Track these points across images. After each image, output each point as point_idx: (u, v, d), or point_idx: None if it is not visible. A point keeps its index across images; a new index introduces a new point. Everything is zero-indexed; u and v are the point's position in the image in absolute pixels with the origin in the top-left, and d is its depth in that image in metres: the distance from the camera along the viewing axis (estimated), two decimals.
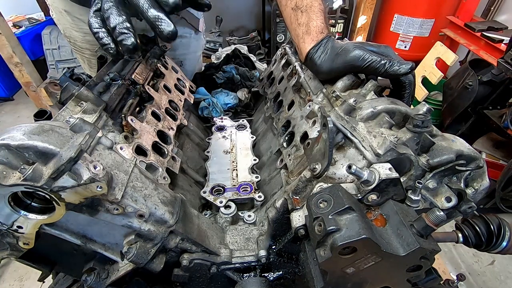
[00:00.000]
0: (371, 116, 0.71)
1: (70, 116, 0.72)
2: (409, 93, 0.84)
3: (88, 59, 1.49)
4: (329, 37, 0.89)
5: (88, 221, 0.65)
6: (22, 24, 3.57)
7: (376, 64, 0.79)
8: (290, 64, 1.11)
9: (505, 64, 1.97)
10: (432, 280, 0.75)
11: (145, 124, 0.90)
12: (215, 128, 1.29)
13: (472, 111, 2.43)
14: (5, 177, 0.50)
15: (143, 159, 0.82)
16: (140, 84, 0.97)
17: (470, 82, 2.33)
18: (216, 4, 3.69)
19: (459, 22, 3.03)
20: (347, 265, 0.56)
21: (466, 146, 0.69)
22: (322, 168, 0.64)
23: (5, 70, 3.33)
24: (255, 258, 0.80)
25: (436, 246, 0.55)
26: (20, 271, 2.09)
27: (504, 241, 0.67)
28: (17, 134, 0.51)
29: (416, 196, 0.62)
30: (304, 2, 0.93)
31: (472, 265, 2.13)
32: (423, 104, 0.69)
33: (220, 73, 1.59)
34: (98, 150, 0.60)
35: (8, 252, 0.62)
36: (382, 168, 0.58)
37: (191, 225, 0.76)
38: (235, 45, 1.81)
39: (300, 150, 0.85)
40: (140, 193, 0.64)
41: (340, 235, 0.51)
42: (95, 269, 0.74)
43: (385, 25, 3.66)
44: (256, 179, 1.00)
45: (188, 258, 0.75)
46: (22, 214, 0.56)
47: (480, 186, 0.72)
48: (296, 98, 1.00)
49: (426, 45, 3.23)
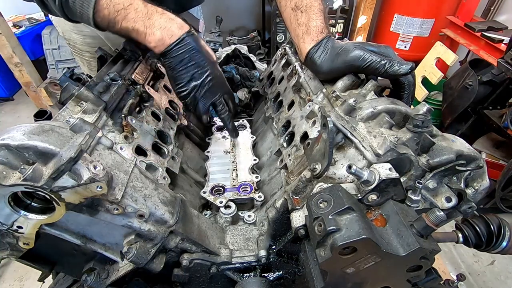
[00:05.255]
0: (371, 116, 0.71)
1: (70, 116, 0.72)
2: (409, 93, 0.85)
3: (87, 61, 1.49)
4: (329, 37, 0.89)
5: (88, 221, 0.65)
6: (22, 24, 3.56)
7: (376, 64, 0.79)
8: (290, 64, 1.11)
9: (505, 64, 1.96)
10: (432, 280, 0.75)
11: (145, 124, 0.91)
12: (215, 128, 1.29)
13: (472, 111, 2.43)
14: (5, 177, 0.50)
15: (143, 159, 0.82)
16: (140, 84, 0.97)
17: (470, 82, 2.33)
18: (216, 4, 3.68)
19: (459, 22, 3.02)
20: (347, 265, 0.56)
21: (466, 146, 0.69)
22: (322, 168, 0.64)
23: (5, 70, 3.33)
24: (255, 258, 0.80)
25: (436, 246, 0.55)
26: (20, 271, 2.09)
27: (504, 241, 0.67)
28: (17, 134, 0.51)
29: (416, 196, 0.62)
30: (304, 2, 0.93)
31: (472, 265, 2.13)
32: (423, 104, 0.69)
33: None
34: (98, 150, 0.60)
35: (8, 252, 0.62)
36: (382, 168, 0.58)
37: (191, 225, 0.76)
38: (235, 45, 1.81)
39: (300, 150, 0.85)
40: (140, 193, 0.64)
41: (340, 235, 0.51)
42: (95, 269, 0.74)
43: (385, 25, 3.65)
44: (256, 179, 1.00)
45: (188, 258, 0.75)
46: (22, 214, 0.56)
47: (480, 186, 0.72)
48: (296, 98, 1.00)
49: (426, 45, 3.23)
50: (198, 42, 0.89)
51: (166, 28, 0.84)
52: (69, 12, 0.83)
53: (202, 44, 0.90)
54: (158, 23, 0.83)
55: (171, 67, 0.89)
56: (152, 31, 0.83)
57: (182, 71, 0.89)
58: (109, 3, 0.80)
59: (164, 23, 0.84)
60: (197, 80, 0.90)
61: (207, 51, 0.92)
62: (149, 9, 0.84)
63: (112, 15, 0.82)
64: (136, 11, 0.83)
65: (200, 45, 0.89)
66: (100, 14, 0.82)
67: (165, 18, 0.85)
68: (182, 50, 0.86)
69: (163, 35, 0.84)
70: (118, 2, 0.81)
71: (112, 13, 0.82)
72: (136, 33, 0.84)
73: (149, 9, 0.84)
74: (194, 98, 0.93)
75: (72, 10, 0.82)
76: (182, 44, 0.86)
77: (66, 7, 0.82)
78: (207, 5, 1.57)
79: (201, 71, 0.90)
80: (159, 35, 0.84)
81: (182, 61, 0.87)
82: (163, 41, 0.84)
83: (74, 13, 0.83)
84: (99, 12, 0.81)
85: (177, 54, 0.86)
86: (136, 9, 0.82)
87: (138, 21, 0.83)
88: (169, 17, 0.86)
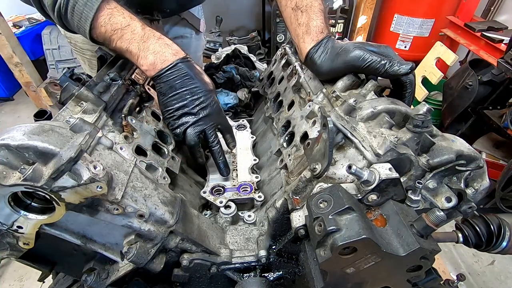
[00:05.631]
0: (371, 116, 0.71)
1: (70, 116, 0.72)
2: (409, 93, 0.84)
3: (89, 60, 1.49)
4: (329, 37, 0.89)
5: (88, 221, 0.65)
6: (22, 24, 3.57)
7: (376, 64, 0.79)
8: (290, 64, 1.11)
9: (505, 64, 1.96)
10: (432, 280, 0.75)
11: (145, 124, 0.91)
12: None
13: (472, 111, 2.43)
14: (5, 177, 0.50)
15: (143, 159, 0.82)
16: (140, 84, 0.97)
17: (470, 82, 2.33)
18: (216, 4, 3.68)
19: (459, 22, 3.02)
20: (347, 265, 0.56)
21: (466, 146, 0.69)
22: (322, 168, 0.64)
23: (5, 70, 3.33)
24: (255, 258, 0.80)
25: (436, 246, 0.55)
26: (20, 271, 2.09)
27: (504, 241, 0.67)
28: (17, 134, 0.51)
29: (416, 196, 0.62)
30: (304, 2, 0.93)
31: (472, 265, 2.13)
32: (423, 104, 0.69)
33: (220, 73, 1.59)
34: (98, 150, 0.60)
35: (8, 252, 0.62)
36: (382, 168, 0.58)
37: (191, 225, 0.76)
38: (235, 45, 1.81)
39: (300, 150, 0.85)
40: (140, 193, 0.64)
41: (340, 235, 0.51)
42: (95, 269, 0.74)
43: (385, 25, 3.66)
44: (256, 179, 1.00)
45: (188, 258, 0.75)
46: (22, 214, 0.56)
47: (480, 186, 0.72)
48: (296, 98, 1.00)
49: (426, 45, 3.23)
50: (193, 69, 0.86)
51: (159, 53, 0.82)
52: (66, 23, 0.83)
53: (197, 71, 0.87)
54: (153, 48, 0.82)
55: (161, 92, 0.86)
56: (145, 54, 0.82)
57: (172, 97, 0.85)
58: (107, 22, 0.80)
59: (158, 48, 0.82)
60: (187, 107, 0.85)
61: (202, 78, 0.88)
62: (146, 32, 0.83)
63: (109, 34, 0.81)
64: (133, 33, 0.82)
65: (195, 72, 0.86)
66: (96, 31, 0.81)
67: (160, 43, 0.83)
68: (173, 75, 0.83)
69: (156, 59, 0.82)
70: (116, 21, 0.80)
71: (109, 31, 0.81)
72: (130, 54, 0.83)
73: (146, 33, 0.83)
74: (183, 126, 0.87)
75: (70, 23, 0.81)
76: (174, 70, 0.83)
77: (64, 18, 0.81)
78: (207, 5, 1.57)
79: (193, 98, 0.85)
80: (151, 59, 0.82)
81: (172, 87, 0.84)
82: (154, 66, 0.82)
83: (71, 25, 0.83)
84: (96, 29, 0.81)
85: (168, 80, 0.83)
86: (133, 31, 0.81)
87: (133, 43, 0.82)
88: (165, 43, 0.84)
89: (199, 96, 0.86)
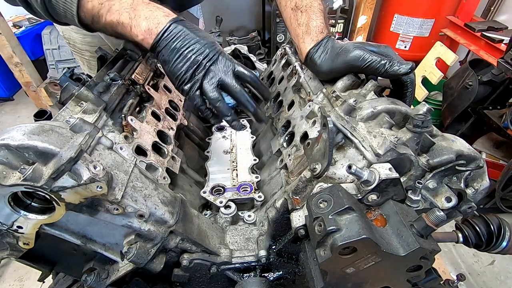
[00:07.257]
0: (371, 116, 0.71)
1: (70, 116, 0.72)
2: (410, 93, 0.84)
3: (87, 60, 1.48)
4: (329, 37, 0.89)
5: (88, 221, 0.65)
6: (22, 24, 3.57)
7: (376, 64, 0.79)
8: (290, 64, 1.11)
9: (505, 64, 1.96)
10: (432, 280, 0.75)
11: (145, 124, 0.90)
12: (215, 128, 1.29)
13: (472, 111, 2.43)
14: (5, 177, 0.50)
15: (143, 159, 0.82)
16: (140, 84, 0.97)
17: (470, 82, 2.33)
18: (216, 4, 3.68)
19: (459, 22, 3.02)
20: (347, 265, 0.56)
21: (466, 146, 0.69)
22: (322, 168, 0.64)
23: (5, 70, 3.33)
24: (255, 258, 0.80)
25: (436, 246, 0.55)
26: (20, 271, 2.09)
27: (504, 241, 0.67)
28: (17, 134, 0.51)
29: (416, 196, 0.62)
30: (303, 2, 0.93)
31: (472, 265, 2.13)
32: (423, 104, 0.69)
33: None
34: (98, 150, 0.60)
35: (8, 252, 0.62)
36: (382, 168, 0.58)
37: (191, 225, 0.76)
38: (235, 45, 1.81)
39: (300, 150, 0.85)
40: (140, 193, 0.64)
41: (340, 235, 0.51)
42: (95, 269, 0.74)
43: (385, 25, 3.65)
44: (256, 179, 1.00)
45: (188, 258, 0.75)
46: (22, 214, 0.56)
47: (480, 186, 0.72)
48: (296, 98, 1.00)
49: (426, 45, 3.23)
50: (190, 26, 0.80)
51: (151, 17, 0.77)
52: (52, 11, 0.80)
53: (194, 28, 0.81)
54: (144, 14, 0.77)
55: (164, 60, 0.80)
56: (138, 22, 0.77)
57: (176, 61, 0.79)
58: None
59: (149, 12, 0.77)
60: (195, 65, 0.79)
61: (201, 33, 0.82)
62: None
63: (96, 9, 0.77)
64: (121, 2, 0.77)
65: (192, 29, 0.80)
66: (83, 9, 0.78)
67: (151, 7, 0.79)
68: (171, 37, 0.78)
69: (149, 25, 0.77)
70: None
71: (96, 6, 0.77)
72: (122, 26, 0.79)
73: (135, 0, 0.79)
74: (196, 85, 0.80)
75: (56, 9, 0.78)
76: (171, 31, 0.78)
77: (49, 6, 0.78)
78: (207, 5, 1.57)
79: (198, 54, 0.79)
80: (145, 26, 0.77)
81: (173, 50, 0.78)
82: (150, 32, 0.77)
83: (57, 12, 0.79)
84: (83, 6, 0.77)
85: (167, 43, 0.78)
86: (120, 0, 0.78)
87: (123, 13, 0.77)
88: (156, 6, 0.80)
89: (203, 50, 0.79)
